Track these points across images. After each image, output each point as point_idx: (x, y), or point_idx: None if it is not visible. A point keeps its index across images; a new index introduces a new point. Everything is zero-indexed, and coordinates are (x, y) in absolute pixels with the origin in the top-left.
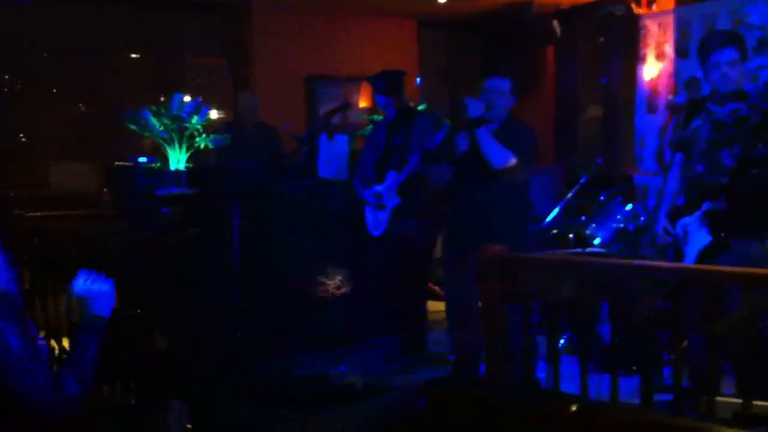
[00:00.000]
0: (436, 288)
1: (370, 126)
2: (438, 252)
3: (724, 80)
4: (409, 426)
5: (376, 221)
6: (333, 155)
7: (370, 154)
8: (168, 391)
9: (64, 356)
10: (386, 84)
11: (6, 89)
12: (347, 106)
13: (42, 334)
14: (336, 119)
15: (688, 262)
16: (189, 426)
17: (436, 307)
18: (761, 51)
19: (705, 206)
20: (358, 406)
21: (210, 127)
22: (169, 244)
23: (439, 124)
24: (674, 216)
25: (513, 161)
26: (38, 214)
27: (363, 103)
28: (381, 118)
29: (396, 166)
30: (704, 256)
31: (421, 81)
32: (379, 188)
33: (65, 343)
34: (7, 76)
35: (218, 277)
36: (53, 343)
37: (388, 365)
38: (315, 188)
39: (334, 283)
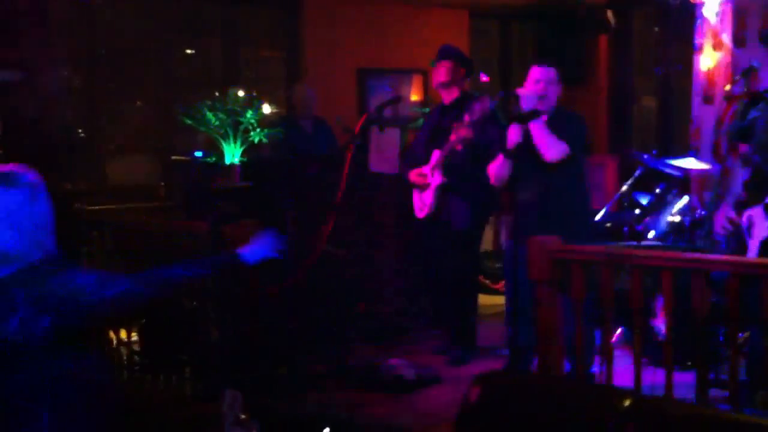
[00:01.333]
0: (487, 281)
1: (422, 119)
2: (488, 244)
3: None
4: (463, 417)
5: (421, 203)
6: (384, 148)
7: (423, 136)
8: (223, 381)
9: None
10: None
11: (65, 85)
12: (398, 99)
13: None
14: (387, 112)
15: (752, 254)
16: (243, 416)
17: (486, 300)
18: None
19: (767, 198)
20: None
21: (263, 121)
22: (225, 235)
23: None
24: (737, 207)
25: (567, 152)
26: (96, 207)
27: (414, 96)
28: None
29: (441, 145)
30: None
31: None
32: (425, 168)
33: (123, 334)
34: (65, 72)
35: (271, 269)
36: (112, 334)
37: (437, 358)
38: (367, 180)
39: (386, 274)
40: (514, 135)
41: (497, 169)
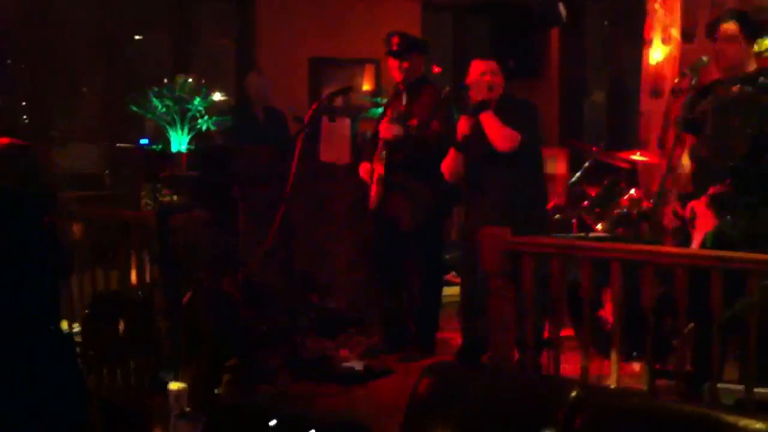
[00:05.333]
0: None
1: (373, 109)
2: None
3: (722, 55)
4: (412, 408)
5: (375, 193)
6: (334, 138)
7: (378, 124)
8: (170, 373)
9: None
10: (393, 43)
11: (10, 72)
12: (349, 89)
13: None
14: (338, 102)
15: (696, 246)
16: (188, 410)
17: None
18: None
19: (712, 190)
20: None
21: (212, 109)
22: (173, 226)
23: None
24: (682, 199)
25: (519, 140)
26: None
27: (366, 86)
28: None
29: None
30: (713, 240)
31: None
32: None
33: (64, 325)
34: (10, 60)
35: (220, 259)
36: (65, 324)
37: (389, 349)
38: (318, 171)
39: (339, 266)
40: (463, 127)
41: (449, 163)
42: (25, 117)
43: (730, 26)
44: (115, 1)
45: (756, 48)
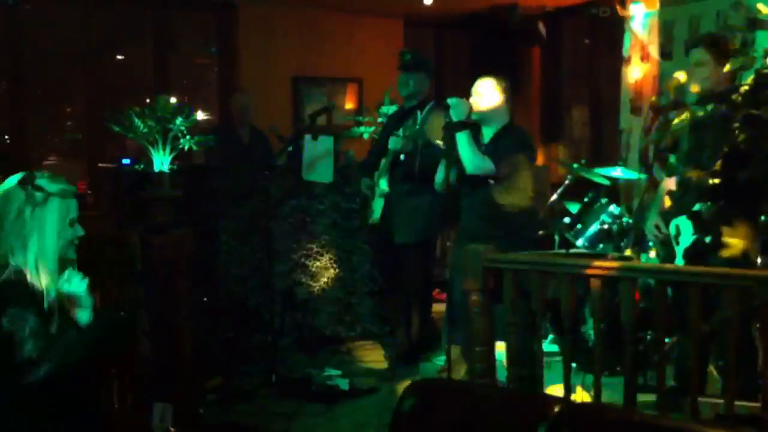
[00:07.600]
0: None
1: (356, 128)
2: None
3: (696, 80)
4: (396, 426)
5: (376, 207)
6: (317, 157)
7: (380, 141)
8: (153, 392)
9: None
10: (405, 58)
11: None
12: (331, 108)
13: None
14: (321, 120)
15: (678, 262)
16: (172, 429)
17: None
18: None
19: (693, 207)
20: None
21: (195, 128)
22: (156, 245)
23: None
24: (664, 216)
25: (488, 169)
26: None
27: (349, 105)
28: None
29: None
30: (693, 255)
31: None
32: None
33: None
34: None
35: (202, 278)
36: None
37: (373, 367)
38: (304, 189)
39: (320, 284)
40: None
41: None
42: (6, 137)
43: (698, 53)
44: (97, 21)
45: (728, 66)
